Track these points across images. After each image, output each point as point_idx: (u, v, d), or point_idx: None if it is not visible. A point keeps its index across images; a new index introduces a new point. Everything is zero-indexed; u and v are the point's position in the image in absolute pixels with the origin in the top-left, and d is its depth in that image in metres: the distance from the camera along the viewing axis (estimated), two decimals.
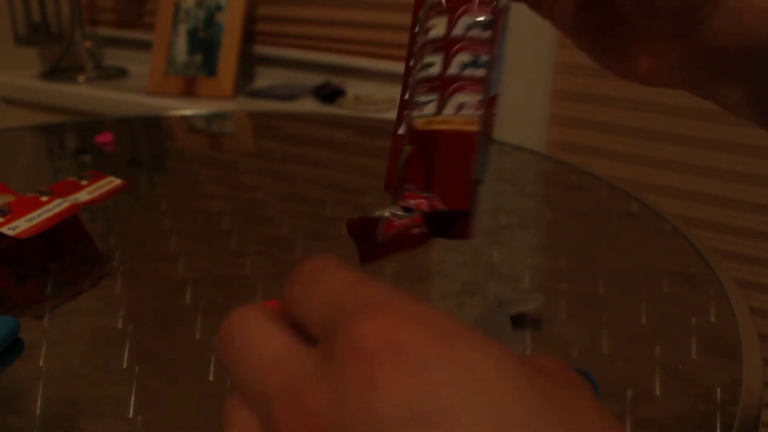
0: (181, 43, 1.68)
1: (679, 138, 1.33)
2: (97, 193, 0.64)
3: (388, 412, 0.16)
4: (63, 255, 0.62)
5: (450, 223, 0.28)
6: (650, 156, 1.36)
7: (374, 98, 1.55)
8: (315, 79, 1.68)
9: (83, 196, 0.63)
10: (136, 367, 0.47)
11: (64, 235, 0.63)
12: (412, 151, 0.28)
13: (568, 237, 0.68)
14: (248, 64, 1.76)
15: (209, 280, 0.58)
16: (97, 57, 1.91)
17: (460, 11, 0.29)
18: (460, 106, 0.28)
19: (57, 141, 1.04)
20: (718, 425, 0.42)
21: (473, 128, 0.27)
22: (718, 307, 0.54)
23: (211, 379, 0.46)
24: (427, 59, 0.29)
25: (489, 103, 0.28)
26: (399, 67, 1.55)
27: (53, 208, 0.59)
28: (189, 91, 1.65)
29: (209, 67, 1.65)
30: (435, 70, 0.29)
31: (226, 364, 0.21)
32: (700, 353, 0.49)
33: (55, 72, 1.85)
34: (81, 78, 1.80)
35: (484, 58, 0.28)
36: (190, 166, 0.91)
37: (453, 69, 0.28)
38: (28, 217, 0.57)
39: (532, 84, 1.43)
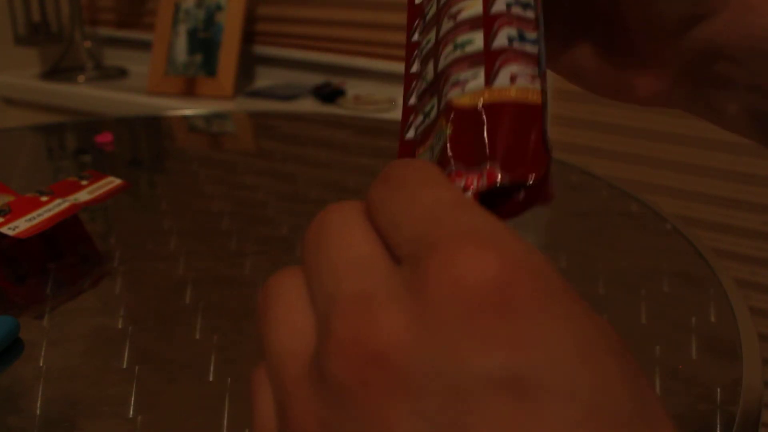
0: (181, 43, 1.68)
1: (679, 138, 1.33)
2: (97, 193, 0.64)
3: (482, 367, 0.14)
4: (63, 255, 0.62)
5: (517, 198, 0.25)
6: (650, 156, 1.36)
7: (374, 98, 1.55)
8: (315, 79, 1.68)
9: (83, 196, 0.63)
10: (136, 367, 0.47)
11: (64, 235, 0.63)
12: (459, 129, 0.25)
13: (568, 237, 0.68)
14: (248, 64, 1.76)
15: (209, 280, 0.58)
16: (97, 57, 1.91)
17: None
18: (514, 77, 0.24)
19: (57, 141, 1.04)
20: (718, 425, 0.41)
21: (535, 100, 0.24)
22: (718, 307, 0.54)
23: (211, 379, 0.46)
24: (461, 38, 0.26)
25: (542, 80, 0.25)
26: (399, 67, 1.55)
27: (53, 208, 0.59)
28: (189, 91, 1.65)
29: (209, 67, 1.65)
30: (475, 46, 0.25)
31: (304, 254, 0.18)
32: (700, 353, 0.49)
33: (55, 72, 1.85)
34: (81, 78, 1.80)
35: (532, 35, 0.25)
36: (190, 166, 0.91)
37: (500, 41, 0.25)
38: (28, 217, 0.57)
39: None
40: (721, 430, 0.41)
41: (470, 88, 0.25)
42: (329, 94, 1.57)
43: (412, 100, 0.28)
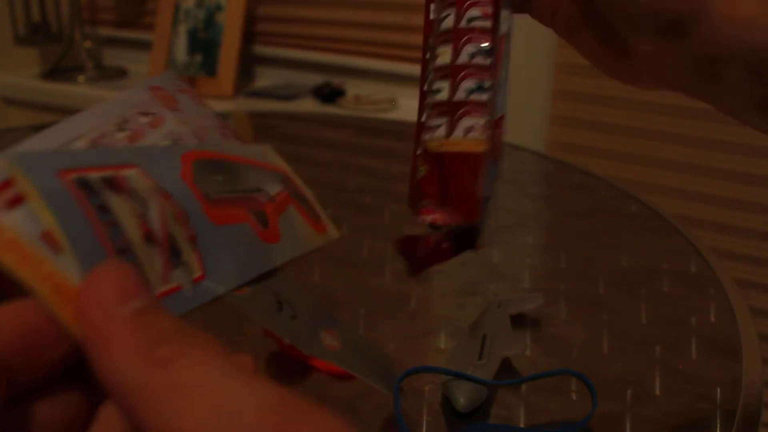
0: (181, 43, 1.68)
1: (679, 138, 1.33)
2: None
3: None
4: None
5: (468, 236, 0.32)
6: (650, 156, 1.36)
7: (374, 98, 1.55)
8: (315, 79, 1.68)
9: None
10: None
11: None
12: (428, 171, 0.31)
13: (568, 237, 0.68)
14: (248, 64, 1.76)
15: None
16: (97, 57, 1.91)
17: (463, 40, 0.31)
18: (468, 129, 0.31)
19: None
20: (718, 425, 0.42)
21: (480, 149, 0.30)
22: (718, 307, 0.54)
23: None
24: (436, 85, 0.32)
25: (495, 125, 0.32)
26: (399, 67, 1.56)
27: None
28: None
29: (209, 67, 1.65)
30: (443, 95, 0.31)
31: None
32: (700, 353, 0.49)
33: (55, 72, 1.85)
34: (81, 78, 1.80)
35: (488, 83, 0.31)
36: None
37: (460, 94, 0.31)
38: None
39: (532, 84, 1.43)
40: (721, 430, 0.41)
41: (436, 136, 0.31)
42: (329, 94, 1.57)
43: (423, 118, 0.33)
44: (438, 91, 0.32)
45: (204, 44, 1.66)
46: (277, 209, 0.31)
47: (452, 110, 0.31)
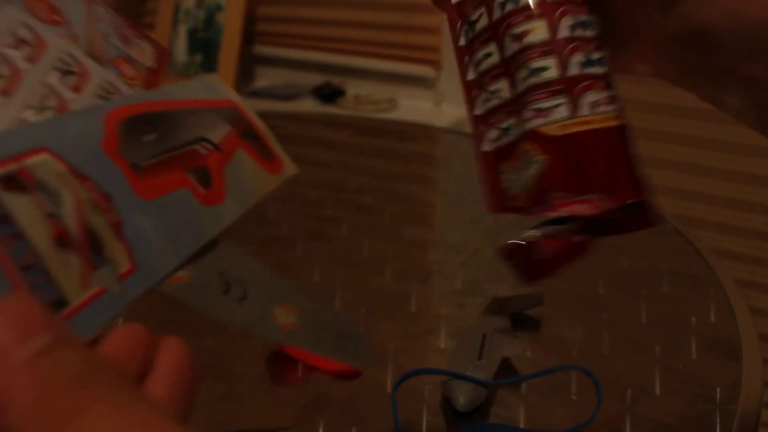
0: (181, 43, 1.68)
1: (679, 138, 1.33)
2: None
3: None
4: None
5: (618, 219, 0.29)
6: (650, 156, 1.35)
7: (374, 98, 1.55)
8: (315, 79, 1.68)
9: None
10: None
11: None
12: (551, 159, 0.27)
13: None
14: (248, 64, 1.76)
15: None
16: None
17: (558, 12, 0.28)
18: (594, 104, 0.27)
19: None
20: (718, 425, 0.42)
21: (617, 122, 0.28)
22: (718, 307, 0.54)
23: (211, 379, 0.46)
24: (536, 64, 0.28)
25: (616, 99, 0.28)
26: (399, 67, 1.55)
27: None
28: None
29: (209, 67, 1.65)
30: (551, 73, 0.28)
31: None
32: (700, 353, 0.49)
33: None
34: None
35: (597, 55, 0.28)
36: None
37: (573, 69, 0.28)
38: None
39: None
40: (721, 430, 0.41)
41: (556, 118, 0.27)
42: (329, 94, 1.57)
43: (479, 110, 0.29)
44: (541, 69, 0.28)
45: (204, 44, 1.66)
46: (222, 159, 0.28)
47: (569, 87, 0.27)
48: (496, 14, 0.29)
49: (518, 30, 0.28)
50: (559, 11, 0.28)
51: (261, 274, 0.28)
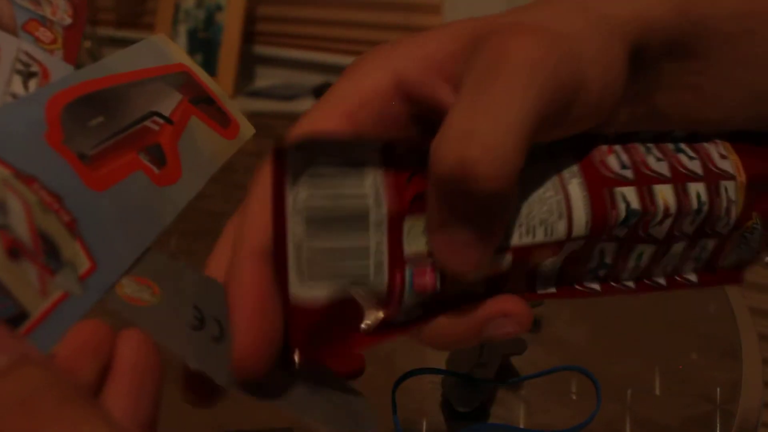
0: (181, 43, 1.68)
1: None
2: None
3: None
4: None
5: None
6: None
7: None
8: (315, 79, 1.68)
9: None
10: None
11: None
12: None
13: None
14: (248, 64, 1.76)
15: None
16: (97, 57, 1.91)
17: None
18: None
19: None
20: (718, 425, 0.42)
21: None
22: (718, 307, 0.54)
23: None
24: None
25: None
26: None
27: None
28: None
29: (209, 67, 1.65)
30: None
31: None
32: (700, 353, 0.49)
33: None
34: None
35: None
36: None
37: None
38: None
39: None
40: (721, 430, 0.41)
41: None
42: None
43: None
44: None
45: (204, 44, 1.66)
46: (174, 133, 0.26)
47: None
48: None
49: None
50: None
51: None
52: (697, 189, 0.25)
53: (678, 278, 0.27)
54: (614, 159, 0.24)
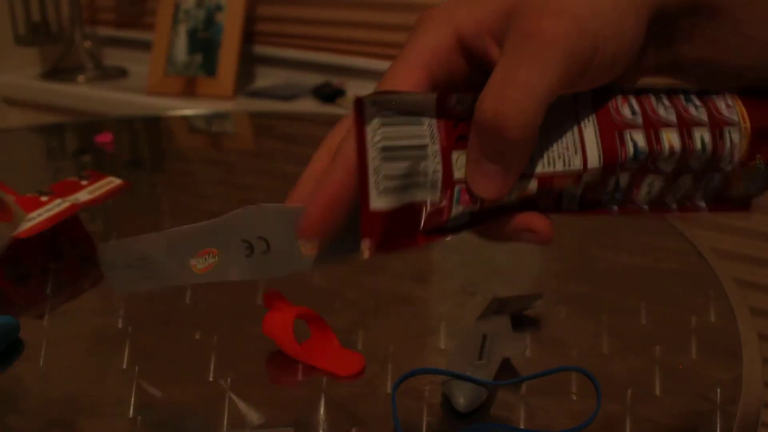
0: (181, 43, 1.68)
1: None
2: (97, 193, 0.64)
3: None
4: (63, 255, 0.62)
5: None
6: None
7: None
8: (315, 79, 1.68)
9: (83, 196, 0.63)
10: (136, 367, 0.47)
11: (64, 235, 0.63)
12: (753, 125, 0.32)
13: (568, 237, 0.68)
14: (248, 64, 1.76)
15: None
16: (97, 57, 1.90)
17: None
18: None
19: (57, 141, 1.04)
20: (718, 425, 0.42)
21: None
22: (718, 307, 0.54)
23: (211, 379, 0.46)
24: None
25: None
26: None
27: (53, 208, 0.59)
28: (189, 91, 1.65)
29: (209, 67, 1.65)
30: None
31: None
32: (700, 353, 0.49)
33: (55, 72, 1.85)
34: (81, 78, 1.80)
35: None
36: (190, 166, 0.91)
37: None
38: (28, 217, 0.57)
39: None
40: (721, 430, 0.41)
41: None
42: (329, 94, 1.57)
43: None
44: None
45: (204, 44, 1.66)
46: None
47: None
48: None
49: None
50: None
51: (277, 216, 0.32)
52: (701, 133, 0.30)
53: (689, 203, 0.33)
54: (627, 107, 0.30)
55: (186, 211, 0.74)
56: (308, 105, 1.56)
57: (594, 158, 0.29)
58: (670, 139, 0.30)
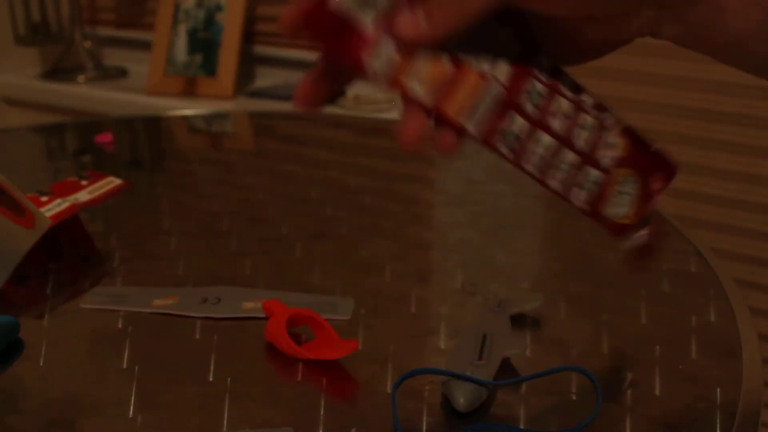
0: (181, 43, 1.68)
1: (679, 138, 1.33)
2: (97, 193, 0.64)
3: None
4: (63, 255, 0.62)
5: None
6: None
7: (374, 98, 1.55)
8: None
9: (83, 196, 0.63)
10: (136, 367, 0.47)
11: (64, 235, 0.63)
12: (637, 174, 0.39)
13: (568, 237, 0.68)
14: (248, 64, 1.76)
15: (209, 280, 0.58)
16: (97, 57, 1.90)
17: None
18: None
19: (57, 141, 1.04)
20: (718, 425, 0.42)
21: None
22: (718, 307, 0.54)
23: (211, 379, 0.46)
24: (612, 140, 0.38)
25: None
26: None
27: (53, 208, 0.59)
28: (189, 91, 1.65)
29: (209, 67, 1.65)
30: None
31: None
32: (700, 353, 0.49)
33: (55, 72, 1.84)
34: (81, 78, 1.80)
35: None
36: (190, 166, 0.91)
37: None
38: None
39: None
40: (721, 430, 0.41)
41: (613, 143, 0.38)
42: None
43: (556, 183, 0.37)
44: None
45: (204, 44, 1.66)
46: None
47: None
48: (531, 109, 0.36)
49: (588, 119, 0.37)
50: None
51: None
52: (587, 118, 0.37)
53: (573, 189, 0.37)
54: (543, 74, 0.36)
55: (186, 211, 0.74)
56: None
57: (504, 73, 0.34)
58: (563, 108, 0.36)
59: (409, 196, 0.80)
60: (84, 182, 0.66)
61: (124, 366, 0.47)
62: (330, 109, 1.51)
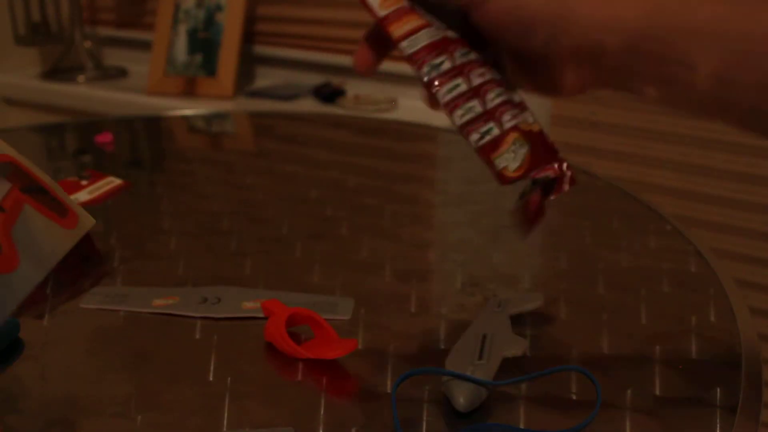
0: (181, 43, 1.68)
1: (679, 138, 1.33)
2: (97, 193, 0.64)
3: None
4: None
5: (552, 184, 0.45)
6: (650, 156, 1.36)
7: (374, 98, 1.55)
8: (315, 79, 1.68)
9: (83, 196, 0.63)
10: (136, 367, 0.47)
11: None
12: (532, 144, 0.44)
13: (568, 237, 0.68)
14: (248, 64, 1.76)
15: (209, 280, 0.58)
16: (97, 57, 1.90)
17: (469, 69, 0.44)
18: (531, 115, 0.45)
19: (57, 141, 1.04)
20: (718, 425, 0.42)
21: (539, 127, 0.45)
22: (718, 307, 0.54)
23: (211, 379, 0.46)
24: (496, 90, 0.44)
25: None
26: (399, 67, 1.55)
27: None
28: (189, 91, 1.65)
29: (209, 67, 1.65)
30: (517, 99, 0.45)
31: None
32: (700, 353, 0.49)
33: (55, 72, 1.84)
34: (81, 78, 1.80)
35: (498, 90, 0.45)
36: (190, 166, 0.91)
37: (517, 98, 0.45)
38: None
39: None
40: (721, 430, 0.41)
41: (525, 120, 0.44)
42: (329, 94, 1.57)
43: (461, 121, 0.43)
44: (500, 94, 0.44)
45: (204, 44, 1.66)
46: (7, 221, 0.25)
47: (522, 106, 0.45)
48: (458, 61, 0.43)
49: (475, 73, 0.43)
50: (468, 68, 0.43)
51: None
52: (502, 91, 0.44)
53: (470, 135, 0.42)
54: (470, 49, 0.44)
55: (186, 211, 0.74)
56: (308, 105, 1.56)
57: (446, 30, 0.43)
58: (487, 73, 0.43)
59: (409, 196, 0.80)
60: (84, 182, 0.66)
61: (124, 366, 0.47)
62: (330, 109, 1.51)
